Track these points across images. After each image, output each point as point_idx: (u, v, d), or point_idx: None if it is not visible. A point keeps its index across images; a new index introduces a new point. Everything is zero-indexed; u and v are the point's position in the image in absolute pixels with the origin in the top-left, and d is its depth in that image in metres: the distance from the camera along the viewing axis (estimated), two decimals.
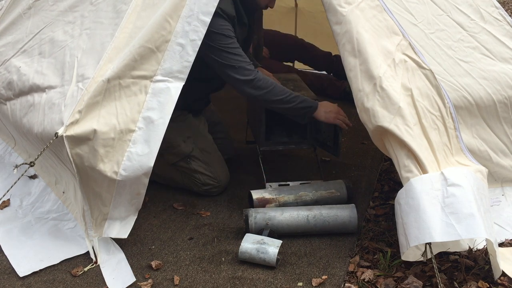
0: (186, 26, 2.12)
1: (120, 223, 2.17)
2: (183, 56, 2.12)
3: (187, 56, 2.12)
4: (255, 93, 2.35)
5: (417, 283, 1.92)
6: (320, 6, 2.32)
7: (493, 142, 2.26)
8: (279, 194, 2.43)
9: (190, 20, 2.13)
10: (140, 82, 2.10)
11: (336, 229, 2.27)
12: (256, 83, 2.33)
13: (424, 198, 1.86)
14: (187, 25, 2.13)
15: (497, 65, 2.32)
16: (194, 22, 2.13)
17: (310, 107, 2.42)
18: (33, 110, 2.24)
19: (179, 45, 2.12)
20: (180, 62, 2.11)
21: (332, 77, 4.03)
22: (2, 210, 2.43)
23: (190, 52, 2.13)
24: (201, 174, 2.59)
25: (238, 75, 2.32)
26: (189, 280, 2.03)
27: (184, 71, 2.13)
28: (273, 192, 2.44)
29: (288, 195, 2.43)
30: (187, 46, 2.12)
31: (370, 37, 2.12)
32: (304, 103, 2.41)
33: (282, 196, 2.42)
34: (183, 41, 2.12)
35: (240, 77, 2.32)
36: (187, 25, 2.13)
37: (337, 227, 2.27)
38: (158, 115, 2.08)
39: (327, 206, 2.33)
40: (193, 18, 2.13)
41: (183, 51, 2.12)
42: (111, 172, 2.04)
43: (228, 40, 2.30)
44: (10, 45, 2.63)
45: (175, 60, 2.11)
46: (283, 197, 2.42)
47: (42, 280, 2.03)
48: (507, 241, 2.15)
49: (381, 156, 2.95)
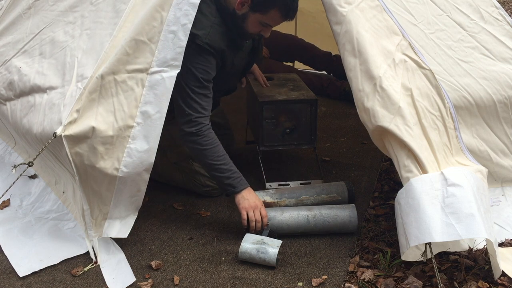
0: (177, 12, 2.08)
1: (120, 223, 2.17)
2: (176, 42, 2.08)
3: (179, 42, 2.08)
4: (188, 145, 2.26)
5: (417, 283, 1.92)
6: (320, 6, 2.32)
7: (493, 142, 2.26)
8: (280, 198, 2.42)
9: (181, 5, 2.08)
10: (136, 76, 2.08)
11: (336, 228, 2.27)
12: (193, 138, 2.22)
13: (424, 198, 1.86)
14: (179, 11, 2.08)
15: (497, 65, 2.32)
16: (185, 6, 2.08)
17: (233, 188, 2.25)
18: (33, 110, 2.24)
19: (171, 32, 2.08)
20: (173, 49, 2.08)
21: (332, 77, 4.03)
22: (2, 210, 2.43)
23: (182, 37, 2.08)
24: (201, 175, 2.58)
25: (182, 118, 2.23)
26: (189, 280, 2.03)
27: (178, 58, 2.08)
28: (274, 195, 2.43)
29: (289, 199, 2.42)
30: (178, 32, 2.08)
31: (370, 37, 2.12)
32: (230, 180, 2.24)
33: (283, 200, 2.42)
34: (175, 28, 2.08)
35: (182, 121, 2.23)
36: (179, 11, 2.08)
37: (337, 227, 2.27)
38: (155, 109, 2.06)
39: (327, 206, 2.33)
40: (184, 3, 2.09)
41: (175, 38, 2.08)
42: (112, 169, 2.04)
43: (197, 83, 2.20)
44: (10, 45, 2.63)
45: (169, 48, 2.08)
46: (284, 201, 2.42)
47: (42, 280, 2.03)
48: (507, 241, 2.15)
49: (381, 156, 2.95)
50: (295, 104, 2.67)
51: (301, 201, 2.42)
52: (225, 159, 2.27)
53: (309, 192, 2.46)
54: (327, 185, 2.53)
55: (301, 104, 2.67)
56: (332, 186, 2.50)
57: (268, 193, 2.43)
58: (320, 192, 2.46)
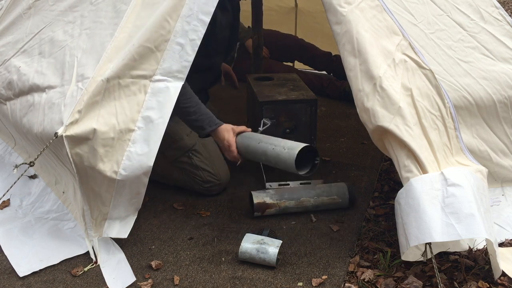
0: (185, 26, 2.12)
1: (120, 223, 2.17)
2: (183, 55, 2.12)
3: (186, 56, 2.12)
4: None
5: (417, 283, 1.92)
6: (320, 6, 2.32)
7: (493, 142, 2.26)
8: (280, 200, 2.41)
9: (189, 19, 2.13)
10: (139, 82, 2.10)
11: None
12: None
13: (424, 198, 1.86)
14: (187, 25, 2.13)
15: (497, 65, 2.32)
16: (194, 21, 2.13)
17: (202, 130, 2.32)
18: (33, 110, 2.24)
19: (178, 44, 2.12)
20: (179, 61, 2.11)
21: (332, 77, 4.03)
22: (2, 210, 2.43)
23: (190, 51, 2.13)
24: (202, 170, 2.58)
25: None
26: (189, 280, 2.03)
27: (183, 71, 2.12)
28: (274, 196, 2.42)
29: (290, 201, 2.42)
30: (186, 46, 2.12)
31: (370, 37, 2.12)
32: (198, 123, 2.31)
33: (284, 202, 2.41)
34: (182, 41, 2.12)
35: None
36: (187, 25, 2.13)
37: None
38: (157, 114, 2.08)
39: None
40: (193, 18, 2.13)
41: (182, 50, 2.12)
42: (110, 172, 2.04)
43: None
44: (10, 45, 2.63)
45: (175, 60, 2.11)
46: (284, 202, 2.41)
47: (42, 280, 2.03)
48: (507, 241, 2.15)
49: (381, 156, 2.95)
50: (295, 104, 2.67)
51: (301, 202, 2.42)
52: (193, 101, 2.29)
53: (310, 193, 2.45)
54: (328, 186, 2.52)
55: (301, 104, 2.68)
56: (333, 188, 2.49)
57: (268, 194, 2.42)
58: (320, 193, 2.45)
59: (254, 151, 2.27)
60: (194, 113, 2.30)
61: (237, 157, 2.34)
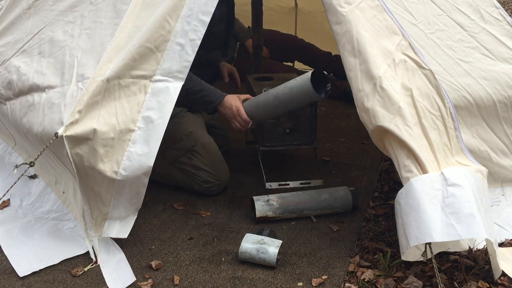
0: (185, 26, 2.12)
1: (120, 223, 2.17)
2: (183, 56, 2.12)
3: (186, 56, 2.12)
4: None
5: (417, 283, 1.92)
6: (320, 6, 2.32)
7: (493, 142, 2.26)
8: (283, 213, 2.39)
9: (189, 19, 2.13)
10: (139, 82, 2.10)
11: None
12: None
13: (424, 198, 1.86)
14: (187, 25, 2.13)
15: (497, 65, 2.32)
16: (194, 22, 2.13)
17: (212, 104, 2.46)
18: (32, 110, 2.24)
19: (178, 44, 2.12)
20: (179, 62, 2.12)
21: (332, 77, 4.03)
22: (2, 210, 2.43)
23: (190, 52, 2.13)
24: (202, 170, 2.58)
25: None
26: (189, 280, 2.03)
27: (183, 71, 2.13)
28: (278, 210, 2.38)
29: (291, 214, 2.40)
30: (186, 46, 2.12)
31: (370, 37, 2.12)
32: (206, 97, 2.44)
33: (286, 215, 2.39)
34: (182, 41, 2.12)
35: None
36: (187, 25, 2.13)
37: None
38: (157, 114, 2.08)
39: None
40: (193, 18, 2.13)
41: (182, 50, 2.12)
42: (111, 172, 2.04)
43: None
44: (10, 45, 2.63)
45: (175, 60, 2.11)
46: (286, 216, 2.40)
47: (42, 280, 2.03)
48: (507, 241, 2.15)
49: (381, 156, 2.95)
50: None
51: (303, 215, 2.40)
52: (197, 82, 2.42)
53: (312, 207, 2.41)
54: (331, 197, 2.44)
55: None
56: (337, 200, 2.43)
57: (272, 208, 2.37)
58: (324, 206, 2.42)
59: (265, 102, 2.38)
60: (200, 91, 2.43)
61: (247, 120, 2.43)
